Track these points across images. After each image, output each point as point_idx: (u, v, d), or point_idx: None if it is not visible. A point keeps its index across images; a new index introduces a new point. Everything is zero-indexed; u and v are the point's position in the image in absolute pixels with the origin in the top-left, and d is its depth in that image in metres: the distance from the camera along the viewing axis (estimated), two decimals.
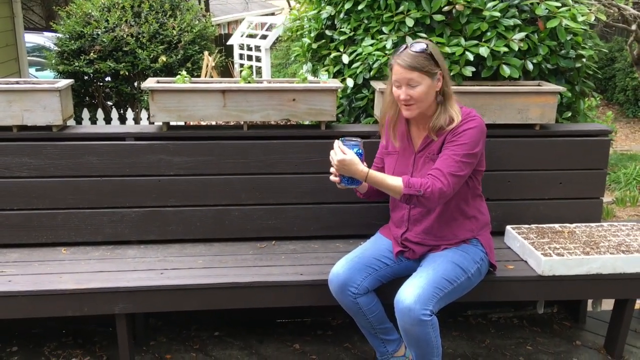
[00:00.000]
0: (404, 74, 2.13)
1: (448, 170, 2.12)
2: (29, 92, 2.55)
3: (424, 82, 2.14)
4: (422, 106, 2.18)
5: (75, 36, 7.11)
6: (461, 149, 2.14)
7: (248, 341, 2.83)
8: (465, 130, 2.17)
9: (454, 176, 2.13)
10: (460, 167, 2.14)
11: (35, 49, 10.10)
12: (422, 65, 2.12)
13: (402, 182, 2.13)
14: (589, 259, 2.44)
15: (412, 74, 2.12)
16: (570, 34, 2.88)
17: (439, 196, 2.11)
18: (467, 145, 2.15)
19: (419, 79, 2.13)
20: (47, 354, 2.70)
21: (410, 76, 2.13)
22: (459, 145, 2.15)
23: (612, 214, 5.49)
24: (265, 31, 9.81)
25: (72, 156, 2.63)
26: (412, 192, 2.11)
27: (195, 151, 2.68)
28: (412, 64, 2.12)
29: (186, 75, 2.76)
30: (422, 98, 2.15)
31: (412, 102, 2.17)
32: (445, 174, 2.12)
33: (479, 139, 2.18)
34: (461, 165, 2.14)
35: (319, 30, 3.23)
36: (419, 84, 2.13)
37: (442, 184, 2.11)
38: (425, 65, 2.12)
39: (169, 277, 2.41)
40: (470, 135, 2.16)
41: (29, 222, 2.67)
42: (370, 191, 2.40)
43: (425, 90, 2.14)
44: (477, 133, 2.17)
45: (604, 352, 2.75)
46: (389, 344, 2.43)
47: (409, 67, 2.12)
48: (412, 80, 2.13)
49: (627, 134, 9.19)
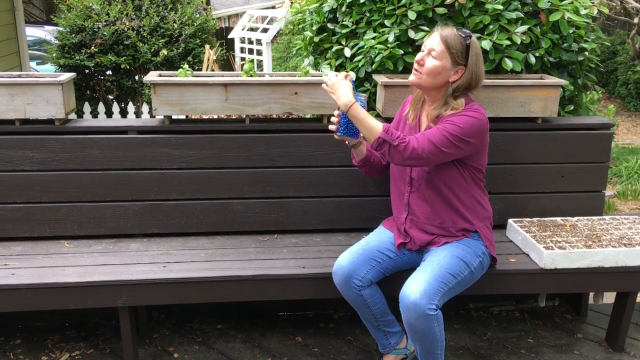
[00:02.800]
0: (434, 42, 2.14)
1: (430, 137, 2.10)
2: (31, 85, 2.55)
3: (442, 60, 2.12)
4: (427, 82, 2.17)
5: (76, 30, 7.11)
6: (453, 128, 2.12)
7: (250, 334, 2.84)
8: (463, 115, 2.15)
9: (433, 145, 2.09)
10: (444, 143, 2.10)
11: (36, 43, 10.09)
12: (453, 45, 2.11)
13: (381, 126, 2.11)
14: (591, 252, 2.44)
15: (439, 46, 2.12)
16: (573, 27, 2.88)
17: (410, 154, 2.08)
18: (460, 128, 2.11)
19: (441, 54, 2.12)
20: (51, 346, 2.71)
21: (436, 46, 2.13)
22: (452, 124, 2.12)
23: (614, 207, 5.49)
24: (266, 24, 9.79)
25: (75, 149, 2.63)
26: (387, 138, 2.08)
27: (198, 145, 2.69)
28: (446, 37, 2.12)
29: (188, 68, 2.76)
30: (430, 72, 2.14)
31: (420, 70, 2.16)
32: (426, 138, 2.10)
33: (475, 130, 2.14)
34: (445, 141, 2.10)
35: (320, 24, 3.22)
36: (438, 59, 2.13)
37: (418, 145, 2.08)
38: (456, 47, 2.11)
39: (171, 270, 2.42)
40: (467, 121, 2.13)
41: (32, 215, 2.68)
42: (365, 159, 2.39)
43: (438, 67, 2.13)
44: (474, 123, 2.14)
45: (605, 345, 2.76)
46: (391, 337, 2.44)
47: (441, 38, 2.13)
48: (435, 50, 2.13)
49: (628, 127, 9.18)
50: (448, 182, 2.24)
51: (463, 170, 2.24)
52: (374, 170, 2.46)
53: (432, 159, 2.12)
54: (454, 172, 2.22)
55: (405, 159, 2.10)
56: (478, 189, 2.33)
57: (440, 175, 2.22)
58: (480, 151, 2.25)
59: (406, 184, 2.33)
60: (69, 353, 2.66)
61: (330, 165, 2.74)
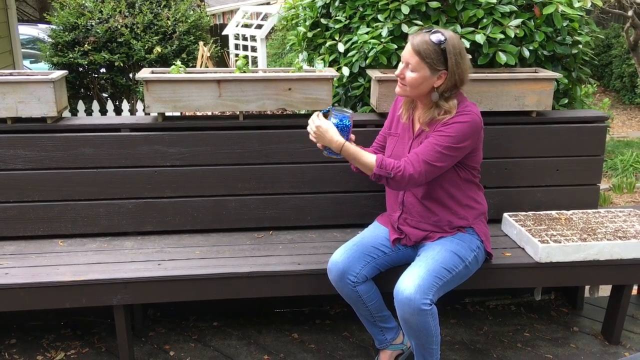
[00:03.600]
0: (407, 54, 2.13)
1: (424, 157, 2.11)
2: (23, 83, 2.53)
3: (420, 71, 2.10)
4: (413, 92, 2.17)
5: (69, 27, 7.07)
6: (445, 140, 2.11)
7: (247, 331, 2.84)
8: (455, 122, 2.13)
9: (429, 164, 2.10)
10: (438, 158, 2.11)
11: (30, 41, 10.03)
12: (426, 55, 2.07)
13: (375, 160, 2.13)
14: (586, 246, 2.44)
15: (413, 58, 2.10)
16: (567, 20, 2.87)
17: (408, 181, 2.11)
18: (452, 138, 2.11)
19: (417, 66, 2.10)
20: (46, 346, 2.70)
21: (411, 59, 2.11)
22: (444, 136, 2.12)
23: (609, 200, 5.50)
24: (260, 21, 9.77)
25: (67, 148, 2.62)
26: (383, 173, 2.12)
27: (191, 142, 2.67)
28: (418, 48, 2.08)
29: (181, 65, 2.75)
30: (412, 84, 2.13)
31: (404, 82, 2.16)
32: (420, 160, 2.11)
33: (468, 134, 2.13)
34: (440, 156, 2.11)
35: (314, 19, 3.21)
36: (415, 71, 2.11)
37: (414, 170, 2.09)
38: (430, 57, 2.07)
39: (166, 268, 2.41)
40: (459, 129, 2.12)
41: (25, 214, 2.67)
42: None
43: (418, 79, 2.12)
44: (466, 128, 2.13)
45: (601, 338, 2.77)
46: (387, 332, 2.43)
47: (413, 50, 2.10)
48: (410, 63, 2.12)
49: (623, 120, 9.19)
50: (443, 182, 2.23)
51: (459, 169, 2.23)
52: None
53: (429, 177, 2.15)
54: (450, 171, 2.22)
55: (403, 187, 2.16)
56: (473, 185, 2.32)
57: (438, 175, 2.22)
58: (476, 149, 2.24)
59: None
60: (65, 352, 2.65)
61: (324, 161, 2.73)
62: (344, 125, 2.18)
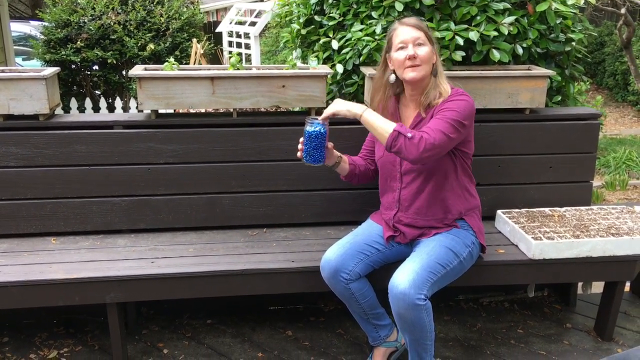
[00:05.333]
0: (411, 32, 2.17)
1: (438, 127, 2.11)
2: (14, 80, 2.52)
3: (427, 45, 2.19)
4: (426, 70, 2.20)
5: (61, 24, 7.02)
6: (451, 113, 2.14)
7: (240, 328, 2.83)
8: (455, 100, 2.18)
9: (442, 133, 2.10)
10: (450, 129, 2.11)
11: (22, 38, 9.98)
12: (426, 29, 2.20)
13: (395, 124, 2.14)
14: (579, 242, 2.45)
15: (419, 33, 2.18)
16: (560, 17, 2.88)
17: (425, 145, 2.07)
18: (457, 112, 2.14)
19: (424, 39, 2.18)
20: (39, 344, 2.69)
21: (418, 34, 2.17)
22: (450, 110, 2.15)
23: (602, 197, 5.52)
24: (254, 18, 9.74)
25: (60, 145, 2.60)
26: (402, 130, 2.09)
27: (185, 139, 2.66)
28: (418, 24, 2.19)
29: (174, 62, 2.74)
30: (426, 59, 2.18)
31: (418, 62, 2.17)
32: (434, 129, 2.11)
33: (468, 113, 2.17)
34: (451, 127, 2.12)
35: (307, 16, 3.20)
36: (425, 44, 2.18)
37: (429, 136, 2.08)
38: (427, 29, 2.20)
39: (159, 266, 2.40)
40: (461, 105, 2.16)
41: (17, 212, 2.65)
42: (351, 173, 2.42)
43: (429, 52, 2.19)
44: (466, 105, 2.17)
45: (594, 334, 2.78)
46: (381, 329, 2.44)
47: (416, 26, 2.18)
48: (419, 38, 2.17)
49: (616, 118, 9.22)
50: (439, 172, 2.24)
51: (454, 157, 2.25)
52: (363, 178, 2.47)
53: (444, 147, 2.13)
54: (447, 160, 2.23)
55: (421, 151, 2.08)
56: (466, 177, 2.33)
57: (434, 165, 2.22)
58: (470, 134, 2.27)
59: (397, 181, 2.32)
60: (58, 350, 2.64)
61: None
62: (319, 133, 2.19)
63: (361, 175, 2.45)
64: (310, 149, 2.23)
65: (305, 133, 2.21)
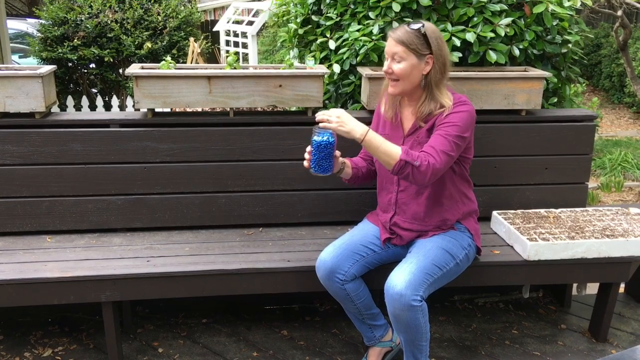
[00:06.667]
0: (391, 46, 2.15)
1: (440, 148, 2.11)
2: (10, 78, 2.51)
3: (408, 59, 2.13)
4: (406, 85, 2.17)
5: (58, 22, 7.02)
6: (453, 129, 2.13)
7: (236, 328, 2.83)
8: (457, 112, 2.16)
9: (446, 154, 2.11)
10: (452, 147, 2.12)
11: (18, 36, 9.95)
12: (410, 42, 2.11)
13: (401, 149, 2.10)
14: (574, 244, 2.46)
15: (397, 48, 2.13)
16: (557, 19, 2.88)
17: (432, 171, 2.07)
18: (458, 127, 2.13)
19: (404, 54, 2.12)
20: (34, 342, 2.69)
21: (395, 50, 2.13)
22: (450, 125, 2.14)
23: (597, 199, 5.54)
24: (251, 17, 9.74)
25: (56, 143, 2.60)
26: (409, 159, 2.06)
27: (181, 138, 2.66)
28: (400, 38, 2.12)
29: (171, 61, 2.73)
30: (403, 75, 2.15)
31: (394, 77, 2.17)
32: (437, 151, 2.10)
33: (469, 124, 2.17)
34: (453, 146, 2.12)
35: (305, 16, 3.20)
36: (403, 60, 2.13)
37: (435, 161, 2.08)
38: (414, 42, 2.11)
39: (155, 265, 2.40)
40: (462, 117, 2.15)
41: (13, 210, 2.64)
42: (354, 177, 2.40)
43: (407, 68, 2.13)
44: (468, 117, 2.17)
45: (588, 335, 2.79)
46: (376, 329, 2.44)
47: (396, 40, 2.13)
48: (397, 54, 2.13)
49: (612, 119, 9.25)
50: (439, 178, 2.22)
51: (455, 163, 2.25)
52: (365, 179, 2.46)
53: (447, 167, 2.14)
54: None
55: (429, 178, 2.08)
56: (464, 181, 2.33)
57: None
58: (471, 141, 2.27)
59: (394, 183, 2.32)
60: (52, 349, 2.64)
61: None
62: (328, 142, 2.15)
63: (363, 177, 2.44)
64: (320, 159, 2.18)
65: (314, 143, 2.16)
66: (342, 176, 2.39)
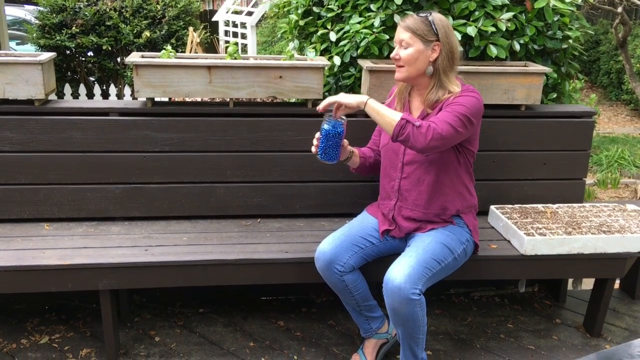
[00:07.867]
0: (399, 33, 2.19)
1: (445, 119, 2.11)
2: (10, 64, 2.50)
3: (415, 46, 2.16)
4: (411, 71, 2.19)
5: (56, 9, 6.97)
6: (460, 108, 2.13)
7: (232, 318, 2.84)
8: (465, 96, 2.17)
9: (451, 126, 2.10)
10: (457, 122, 2.11)
11: (16, 22, 9.88)
12: (417, 28, 2.15)
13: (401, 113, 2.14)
14: (571, 239, 2.47)
15: (405, 34, 2.17)
16: (558, 14, 2.88)
17: (433, 135, 2.07)
18: (466, 108, 2.13)
19: (411, 40, 2.16)
20: (30, 329, 2.69)
21: (403, 36, 2.18)
22: (459, 105, 2.14)
23: (594, 195, 5.55)
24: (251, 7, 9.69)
25: (55, 131, 2.59)
26: (411, 119, 2.09)
27: (181, 127, 2.66)
28: (408, 24, 2.17)
29: (171, 50, 2.73)
30: (409, 61, 2.17)
31: (401, 63, 2.19)
32: (440, 120, 2.11)
33: (476, 108, 2.17)
34: (458, 121, 2.11)
35: (306, 7, 3.19)
36: (410, 46, 2.16)
37: (437, 126, 2.08)
38: (420, 29, 2.15)
39: (153, 254, 2.40)
40: (470, 101, 2.16)
41: (11, 197, 2.64)
42: (361, 166, 2.42)
43: (413, 54, 2.16)
44: (476, 102, 2.17)
45: (583, 330, 2.81)
46: (372, 321, 2.45)
47: (404, 27, 2.18)
48: (404, 40, 2.17)
49: (609, 116, 9.26)
50: (442, 167, 2.24)
51: (459, 153, 2.26)
52: (373, 170, 2.47)
53: (450, 139, 2.13)
54: (451, 155, 2.24)
55: (429, 140, 2.08)
56: (468, 175, 2.34)
57: (437, 158, 2.23)
58: (476, 132, 2.27)
59: (397, 170, 2.32)
60: (49, 336, 2.64)
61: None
62: (337, 132, 2.19)
63: (371, 167, 2.45)
64: (327, 147, 2.22)
65: (323, 131, 2.20)
66: (349, 164, 2.41)
